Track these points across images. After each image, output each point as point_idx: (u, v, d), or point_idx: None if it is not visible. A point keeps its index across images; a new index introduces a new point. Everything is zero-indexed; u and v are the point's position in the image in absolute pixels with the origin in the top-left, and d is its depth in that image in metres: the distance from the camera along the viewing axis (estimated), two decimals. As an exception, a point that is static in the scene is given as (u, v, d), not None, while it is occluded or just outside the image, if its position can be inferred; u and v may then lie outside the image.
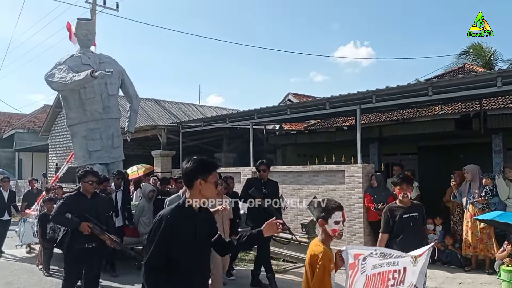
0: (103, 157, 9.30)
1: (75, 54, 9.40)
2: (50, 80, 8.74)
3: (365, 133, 10.41)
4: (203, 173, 2.68)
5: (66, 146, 20.02)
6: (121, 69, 9.91)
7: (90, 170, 4.94)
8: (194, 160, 2.72)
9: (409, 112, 12.96)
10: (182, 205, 2.69)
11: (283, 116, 10.76)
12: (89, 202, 4.86)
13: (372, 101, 8.54)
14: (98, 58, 9.54)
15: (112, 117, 9.53)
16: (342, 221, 2.99)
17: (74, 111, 9.26)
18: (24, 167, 26.52)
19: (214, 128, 13.06)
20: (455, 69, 16.14)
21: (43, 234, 7.51)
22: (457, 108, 11.89)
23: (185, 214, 2.66)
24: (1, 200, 9.38)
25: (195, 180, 2.66)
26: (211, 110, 23.40)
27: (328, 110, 9.52)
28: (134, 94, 10.11)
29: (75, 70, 8.71)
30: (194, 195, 2.68)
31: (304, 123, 16.42)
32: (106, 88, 9.26)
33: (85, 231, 4.62)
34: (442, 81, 8.60)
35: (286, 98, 18.23)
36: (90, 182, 4.83)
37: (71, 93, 9.05)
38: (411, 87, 8.37)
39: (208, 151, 15.06)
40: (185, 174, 2.73)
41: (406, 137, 11.75)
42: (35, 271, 7.82)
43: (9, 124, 30.49)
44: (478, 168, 7.54)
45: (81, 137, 9.32)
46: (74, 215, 4.68)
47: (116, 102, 9.83)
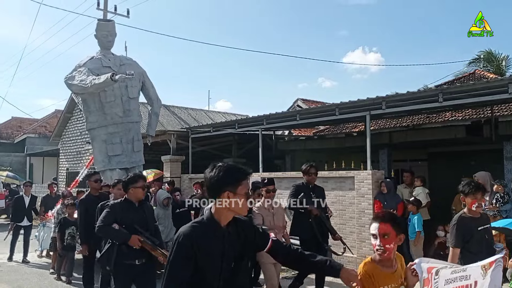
0: (123, 161, 9.04)
1: (96, 56, 9.21)
2: (70, 83, 8.60)
3: (374, 139, 10.39)
4: (231, 183, 2.22)
5: (77, 151, 20.20)
6: (142, 71, 9.68)
7: (140, 174, 4.45)
8: (220, 167, 2.26)
9: (419, 118, 12.90)
10: (206, 220, 2.26)
11: (292, 122, 10.77)
12: (138, 211, 4.27)
13: (382, 107, 8.52)
14: (119, 60, 9.31)
15: (132, 120, 9.28)
16: (380, 235, 2.43)
17: (94, 114, 9.06)
18: (35, 172, 26.79)
19: (223, 134, 13.10)
20: (465, 75, 16.04)
21: (61, 239, 7.37)
22: (468, 115, 11.82)
23: (209, 232, 2.20)
24: (22, 205, 9.28)
25: (222, 192, 2.20)
26: (220, 116, 23.47)
27: (338, 116, 9.51)
28: (155, 97, 9.84)
29: (95, 73, 8.53)
30: (219, 210, 2.24)
31: (313, 128, 16.41)
32: (127, 91, 9.03)
33: (135, 245, 4.05)
34: (453, 87, 8.57)
35: (295, 104, 18.24)
36: (141, 188, 4.25)
37: (91, 96, 8.88)
38: (421, 93, 8.34)
39: (217, 157, 15.10)
40: (210, 185, 2.26)
41: (416, 143, 11.69)
42: (46, 275, 7.88)
43: (21, 129, 30.83)
44: (489, 175, 7.48)
45: (101, 141, 9.09)
46: (122, 226, 4.14)
47: (137, 105, 9.59)
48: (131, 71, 8.41)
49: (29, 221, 9.32)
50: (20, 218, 9.23)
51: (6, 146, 26.69)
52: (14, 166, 25.85)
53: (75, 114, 20.76)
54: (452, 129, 10.81)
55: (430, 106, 8.60)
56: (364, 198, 8.22)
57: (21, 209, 9.29)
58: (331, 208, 8.58)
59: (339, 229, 8.49)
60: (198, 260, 2.12)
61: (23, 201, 9.37)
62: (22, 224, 9.22)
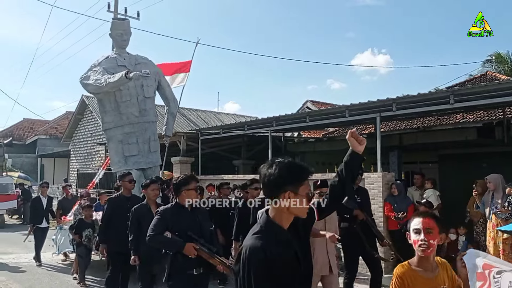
0: (139, 162, 8.86)
1: (111, 56, 9.09)
2: (85, 82, 8.48)
3: (385, 141, 10.33)
4: (292, 182, 1.97)
5: (88, 152, 20.36)
6: (158, 70, 9.51)
7: (192, 175, 4.05)
8: (280, 164, 2.01)
9: (430, 120, 12.81)
10: (267, 227, 1.95)
11: (302, 123, 10.75)
12: (190, 216, 3.92)
13: (393, 109, 8.48)
14: (134, 59, 9.16)
15: (148, 120, 9.08)
16: (423, 229, 2.33)
17: (110, 114, 8.91)
18: (46, 173, 27.03)
19: (233, 135, 13.11)
20: (477, 76, 15.90)
21: (78, 242, 7.25)
22: (479, 116, 11.70)
23: (276, 239, 1.92)
24: (40, 207, 9.12)
25: (283, 192, 1.95)
26: (230, 117, 23.51)
27: (348, 117, 9.47)
28: (171, 97, 9.67)
29: (110, 72, 8.38)
30: (279, 212, 1.98)
31: (322, 130, 16.36)
32: (142, 91, 8.86)
33: (191, 254, 3.68)
34: (464, 89, 8.50)
35: (305, 106, 18.22)
36: (194, 190, 3.93)
37: (106, 96, 8.74)
38: (432, 95, 8.29)
39: (227, 158, 15.12)
40: (268, 183, 2.00)
41: (427, 145, 11.59)
42: (57, 275, 7.93)
43: (32, 130, 31.16)
44: (501, 177, 7.39)
45: (117, 142, 8.93)
46: (175, 233, 3.80)
47: (153, 105, 9.40)
48: (147, 70, 8.26)
49: (47, 222, 9.23)
50: (39, 220, 9.08)
51: (17, 147, 26.96)
52: (25, 167, 26.12)
53: (85, 116, 20.94)
54: (463, 131, 10.71)
55: (441, 108, 8.53)
56: (374, 200, 8.16)
57: (39, 210, 9.13)
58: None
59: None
60: (274, 272, 1.86)
61: (40, 202, 9.22)
62: (42, 226, 9.07)
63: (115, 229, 5.62)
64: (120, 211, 5.60)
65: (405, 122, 13.28)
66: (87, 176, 17.61)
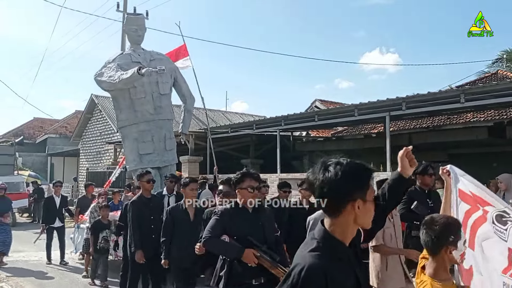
0: (154, 160, 8.57)
1: (125, 52, 8.86)
2: (99, 79, 8.24)
3: (394, 140, 10.27)
4: (360, 186, 1.56)
5: (97, 151, 20.49)
6: (174, 66, 9.21)
7: (250, 172, 3.52)
8: (341, 166, 1.58)
9: (440, 119, 12.71)
10: (326, 243, 1.54)
11: (310, 122, 10.73)
12: (252, 219, 3.42)
13: (402, 108, 8.43)
14: (149, 55, 8.86)
15: (164, 118, 8.79)
16: None
17: (125, 112, 8.64)
18: (55, 171, 27.25)
19: (241, 135, 13.11)
20: (487, 75, 15.76)
21: (94, 243, 6.94)
22: (490, 116, 11.59)
23: (338, 259, 1.54)
24: (52, 206, 8.92)
25: (350, 200, 1.53)
26: (238, 117, 23.53)
27: (357, 117, 9.45)
28: (188, 94, 9.30)
29: (124, 68, 8.09)
30: (341, 225, 1.55)
31: (331, 130, 16.32)
32: (158, 87, 8.57)
33: (251, 262, 3.19)
34: (475, 87, 8.43)
35: (313, 105, 18.17)
36: (249, 189, 3.37)
37: (121, 93, 8.51)
38: (442, 94, 8.23)
39: (235, 157, 15.14)
40: (329, 192, 1.55)
41: (437, 144, 11.51)
42: (66, 274, 7.97)
43: (42, 129, 31.41)
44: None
45: (132, 140, 8.66)
46: (233, 237, 3.31)
47: (169, 102, 9.07)
48: (162, 66, 8.05)
49: (61, 222, 9.03)
50: (52, 220, 8.86)
51: (28, 146, 27.20)
52: (35, 165, 26.33)
53: (95, 115, 21.08)
54: (473, 130, 10.63)
55: (452, 107, 8.47)
56: (383, 200, 8.12)
57: (52, 210, 8.92)
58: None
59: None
60: None
61: (54, 201, 9.01)
62: (55, 225, 8.88)
63: (143, 233, 5.32)
64: (143, 214, 5.30)
65: (415, 121, 13.19)
66: (97, 175, 17.74)
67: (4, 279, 7.54)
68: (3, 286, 7.09)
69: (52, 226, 8.83)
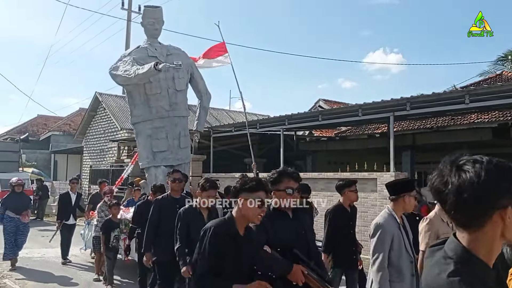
0: (168, 158, 8.29)
1: (142, 45, 8.57)
2: (114, 73, 7.99)
3: (398, 140, 10.25)
4: (509, 191, 1.19)
5: (100, 149, 20.53)
6: (191, 62, 8.89)
7: (289, 171, 2.96)
8: (480, 163, 1.22)
9: (444, 120, 12.67)
10: (478, 265, 1.18)
11: (314, 122, 10.72)
12: (294, 226, 2.87)
13: (407, 108, 8.41)
14: (166, 50, 8.57)
15: (179, 114, 8.50)
16: None
17: (139, 107, 8.39)
18: (59, 169, 27.32)
19: (244, 133, 13.11)
20: (492, 76, 15.70)
21: (106, 242, 6.65)
22: (494, 117, 11.54)
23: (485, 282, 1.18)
24: (68, 203, 8.84)
25: (498, 208, 1.16)
26: (241, 116, 23.51)
27: (361, 116, 9.43)
28: (204, 90, 8.98)
29: (140, 63, 7.86)
30: (486, 242, 1.19)
31: (335, 129, 16.29)
32: (174, 83, 8.29)
33: (298, 281, 2.65)
34: (480, 88, 8.40)
35: (317, 105, 18.15)
36: (287, 191, 2.82)
37: (136, 88, 8.26)
38: (447, 95, 8.21)
39: (237, 156, 15.14)
40: (466, 201, 1.16)
41: (440, 145, 11.48)
42: (68, 270, 7.99)
43: (46, 126, 31.52)
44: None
45: (145, 136, 8.40)
46: (276, 249, 2.70)
47: (184, 98, 8.75)
48: (179, 62, 7.86)
49: (75, 219, 8.94)
50: (67, 216, 8.76)
51: (31, 143, 27.26)
52: (39, 163, 26.42)
53: (98, 113, 21.12)
54: (478, 132, 10.59)
55: (456, 108, 8.44)
56: (386, 200, 8.05)
57: (68, 206, 8.81)
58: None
59: (361, 231, 8.41)
60: None
61: (69, 198, 8.92)
62: (69, 222, 8.77)
63: (161, 236, 4.85)
64: (167, 215, 4.82)
65: (419, 122, 13.16)
66: (100, 173, 17.77)
67: (7, 275, 7.57)
68: (6, 283, 7.11)
69: (66, 223, 8.72)
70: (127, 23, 24.21)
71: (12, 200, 8.04)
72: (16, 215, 7.92)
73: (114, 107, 20.09)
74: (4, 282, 7.17)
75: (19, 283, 7.02)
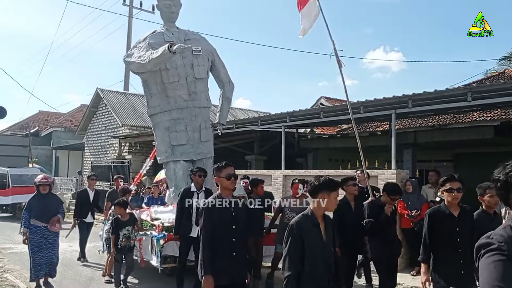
0: (188, 152, 7.65)
1: (158, 30, 7.99)
2: (128, 60, 7.48)
3: (399, 138, 10.23)
4: None
5: (102, 145, 20.54)
6: (211, 48, 8.21)
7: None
8: None
9: (446, 118, 12.65)
10: None
11: (316, 119, 10.70)
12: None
13: (408, 105, 8.39)
14: (184, 35, 7.95)
15: (199, 105, 7.86)
16: None
17: (156, 97, 7.81)
18: (60, 165, 27.37)
19: (245, 131, 13.09)
20: (495, 74, 15.67)
21: (115, 242, 6.26)
22: (497, 115, 11.52)
23: None
24: (86, 200, 8.53)
25: None
26: (243, 113, 23.53)
27: (362, 114, 9.40)
28: (226, 79, 8.31)
29: (156, 49, 7.19)
30: None
31: (336, 127, 16.28)
32: (193, 71, 7.64)
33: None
34: (482, 86, 8.37)
35: (318, 102, 18.14)
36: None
37: (152, 76, 7.65)
38: (449, 92, 8.18)
39: (239, 153, 15.13)
40: None
41: (442, 143, 11.45)
42: (71, 265, 7.98)
43: (47, 122, 31.57)
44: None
45: (163, 129, 7.79)
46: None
47: (205, 87, 8.07)
48: (198, 47, 7.44)
49: (93, 217, 8.63)
50: (85, 214, 8.44)
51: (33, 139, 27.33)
52: (40, 159, 26.45)
53: (100, 109, 21.13)
54: (480, 130, 10.56)
55: (458, 106, 8.41)
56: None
57: (86, 204, 8.49)
58: (353, 207, 8.51)
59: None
60: None
61: (87, 195, 8.57)
62: (87, 220, 8.48)
63: (217, 251, 3.65)
64: (221, 223, 3.70)
65: (420, 120, 13.14)
66: (101, 169, 17.78)
67: (9, 270, 7.58)
68: (7, 277, 7.13)
69: (84, 220, 8.46)
70: (129, 19, 24.22)
71: (36, 204, 6.24)
72: (43, 224, 6.19)
73: (115, 104, 20.09)
74: (6, 276, 7.18)
75: (21, 278, 7.03)
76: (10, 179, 15.39)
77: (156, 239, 6.32)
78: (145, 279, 6.96)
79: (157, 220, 7.05)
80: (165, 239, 6.28)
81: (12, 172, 15.55)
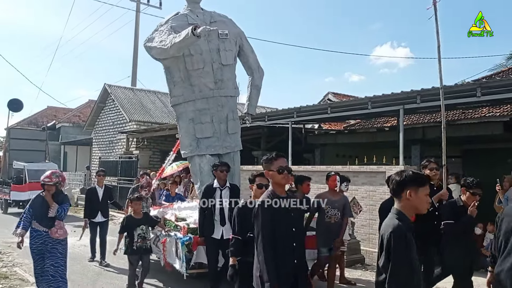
0: (214, 146, 6.95)
1: (181, 12, 7.26)
2: (149, 45, 6.78)
3: (407, 134, 10.18)
4: None
5: (109, 140, 20.65)
6: (239, 31, 7.46)
7: None
8: None
9: (454, 114, 12.55)
10: None
11: (323, 115, 10.66)
12: None
13: (417, 101, 8.34)
14: (210, 16, 7.23)
15: (226, 94, 7.10)
16: None
17: (179, 86, 7.09)
18: (69, 160, 27.55)
19: (253, 126, 13.08)
20: (504, 70, 15.50)
21: (130, 243, 5.93)
22: (506, 111, 11.40)
23: None
24: (94, 198, 7.97)
25: None
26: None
27: (370, 109, 9.36)
28: (255, 66, 7.55)
29: (178, 32, 6.51)
30: None
31: (343, 123, 16.22)
32: (219, 56, 6.90)
33: None
34: (492, 81, 8.30)
35: (326, 98, 18.08)
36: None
37: (174, 63, 6.95)
38: (458, 87, 8.11)
39: (246, 149, 15.13)
40: None
41: (450, 139, 11.33)
42: (79, 259, 8.03)
43: (56, 118, 31.75)
44: (528, 173, 7.22)
45: (187, 120, 7.08)
46: None
47: (232, 75, 7.31)
48: (225, 30, 6.86)
49: (104, 216, 7.98)
50: (94, 214, 7.87)
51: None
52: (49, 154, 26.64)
53: (107, 104, 21.22)
54: (489, 126, 10.48)
55: (468, 101, 8.34)
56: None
57: (95, 202, 7.95)
58: (361, 203, 8.49)
59: (369, 225, 8.39)
60: None
61: (96, 193, 8.01)
62: (96, 220, 7.87)
63: (277, 259, 3.15)
64: (281, 225, 3.22)
65: (429, 116, 13.05)
66: (109, 164, 17.88)
67: (18, 264, 7.65)
68: (17, 271, 7.20)
69: (93, 221, 7.90)
70: (136, 14, 24.27)
71: (38, 205, 5.26)
72: (44, 228, 5.17)
73: (123, 99, 20.16)
74: (15, 270, 7.26)
75: (30, 272, 7.07)
76: (27, 174, 14.76)
77: (181, 242, 5.80)
78: (168, 283, 6.52)
79: (182, 220, 6.56)
80: (191, 242, 5.71)
81: (29, 167, 14.89)
